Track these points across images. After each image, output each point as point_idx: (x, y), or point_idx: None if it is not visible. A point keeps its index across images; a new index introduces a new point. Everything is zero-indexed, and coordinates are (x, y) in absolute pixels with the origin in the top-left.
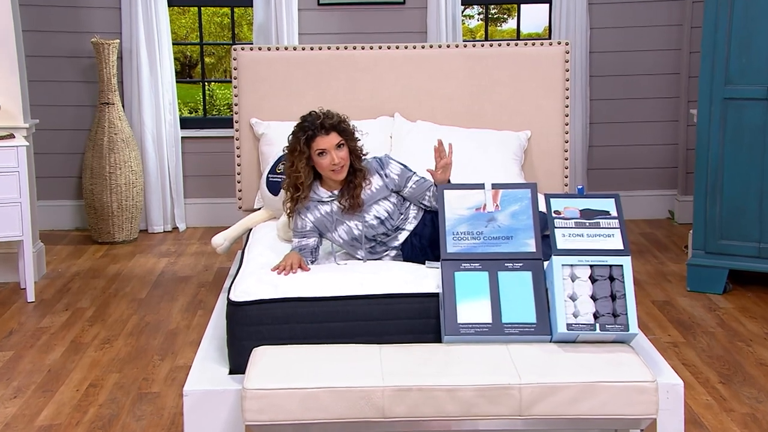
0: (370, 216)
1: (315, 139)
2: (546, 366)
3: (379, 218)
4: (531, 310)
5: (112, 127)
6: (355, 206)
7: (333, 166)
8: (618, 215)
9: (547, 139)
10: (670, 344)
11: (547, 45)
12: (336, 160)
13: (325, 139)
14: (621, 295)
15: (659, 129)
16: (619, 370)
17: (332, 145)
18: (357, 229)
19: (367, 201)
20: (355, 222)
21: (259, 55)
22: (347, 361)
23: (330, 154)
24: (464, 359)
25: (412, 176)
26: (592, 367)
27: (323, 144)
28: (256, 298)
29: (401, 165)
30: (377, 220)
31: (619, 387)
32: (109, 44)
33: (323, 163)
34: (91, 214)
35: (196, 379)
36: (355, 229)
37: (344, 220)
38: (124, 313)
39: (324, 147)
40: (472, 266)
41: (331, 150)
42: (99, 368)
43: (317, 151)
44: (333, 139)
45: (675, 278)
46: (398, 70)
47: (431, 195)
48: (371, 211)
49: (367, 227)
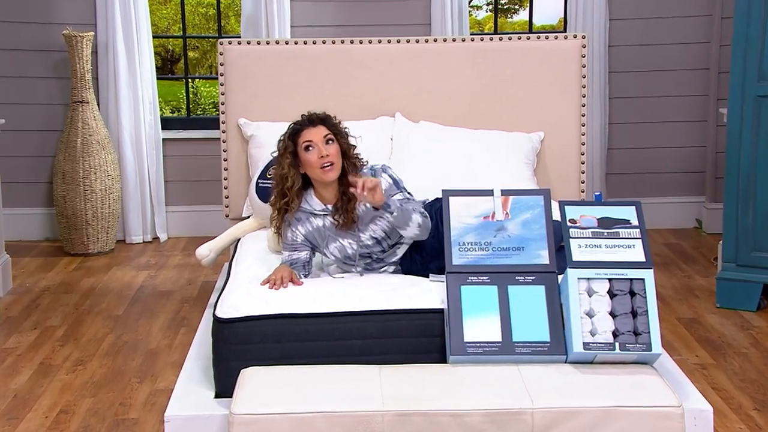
0: (365, 236)
1: (301, 133)
2: (561, 389)
3: (375, 238)
4: (544, 328)
5: (86, 127)
6: (349, 222)
7: (321, 161)
8: (639, 224)
9: (561, 142)
10: (698, 366)
11: (562, 38)
12: (324, 153)
13: (311, 131)
14: (643, 312)
15: (685, 130)
16: (641, 394)
17: (320, 137)
18: (351, 248)
19: (362, 218)
20: (349, 240)
21: (247, 49)
22: (344, 383)
23: (318, 147)
24: (471, 381)
25: (404, 192)
26: (612, 391)
27: (310, 135)
28: (244, 314)
29: (395, 178)
30: (373, 240)
31: (641, 412)
32: (82, 37)
33: (311, 159)
34: (62, 223)
35: (179, 403)
36: (349, 248)
37: (337, 238)
38: (98, 332)
39: (310, 138)
40: (480, 280)
41: (319, 143)
42: (71, 393)
43: (304, 145)
44: (321, 131)
45: (703, 293)
46: (399, 66)
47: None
48: (367, 230)
49: (362, 246)
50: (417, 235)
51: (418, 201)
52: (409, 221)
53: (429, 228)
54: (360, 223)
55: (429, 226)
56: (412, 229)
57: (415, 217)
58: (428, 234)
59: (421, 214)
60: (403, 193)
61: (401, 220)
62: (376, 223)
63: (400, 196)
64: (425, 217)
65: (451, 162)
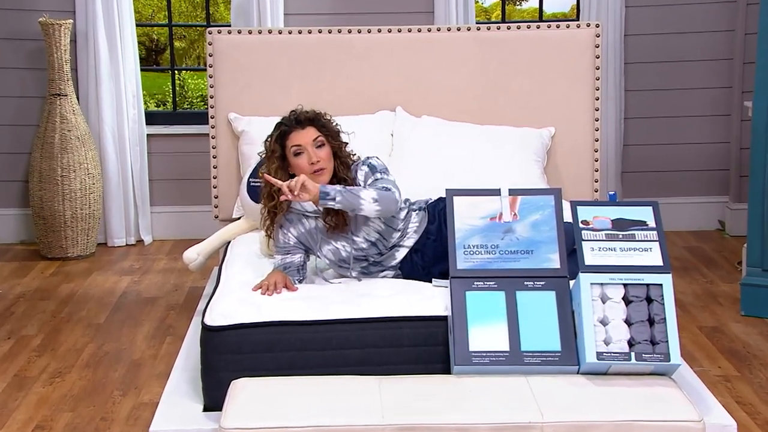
0: (359, 238)
1: (289, 135)
2: (572, 402)
3: (370, 240)
4: (555, 337)
5: (65, 122)
6: (341, 225)
7: (312, 166)
8: (657, 226)
9: (574, 138)
10: (721, 378)
11: (575, 27)
12: (314, 158)
13: (300, 133)
14: (660, 320)
15: (707, 124)
16: (659, 408)
17: (309, 140)
18: (344, 251)
19: (355, 220)
20: (343, 243)
21: (238, 39)
22: (341, 395)
23: (307, 151)
24: (477, 393)
25: (380, 175)
26: (627, 404)
27: (298, 139)
28: (235, 322)
29: (373, 164)
30: (367, 242)
31: (658, 427)
32: (60, 25)
33: (301, 164)
34: (39, 224)
35: (164, 417)
36: (343, 251)
37: (330, 240)
38: (78, 342)
39: (300, 142)
40: (486, 285)
41: (308, 146)
42: (48, 407)
43: (293, 149)
44: (310, 133)
45: (726, 300)
46: (400, 57)
47: None
48: (360, 232)
49: (356, 249)
50: (381, 211)
51: (391, 182)
52: (360, 200)
53: (394, 200)
54: (353, 225)
55: (393, 197)
56: (368, 207)
57: (364, 193)
58: (397, 207)
59: (377, 191)
60: (379, 174)
61: (348, 202)
62: (369, 224)
63: (370, 181)
64: (383, 190)
65: (455, 159)
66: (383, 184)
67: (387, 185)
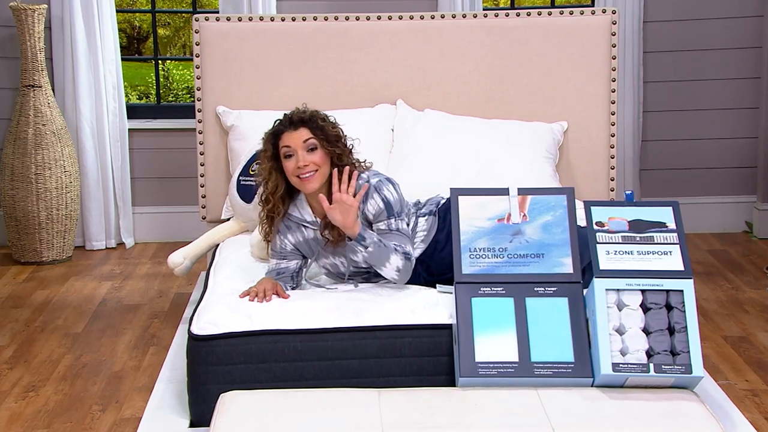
0: (358, 257)
1: (281, 136)
2: (586, 416)
3: None
4: (567, 347)
5: (39, 115)
6: (341, 240)
7: (298, 170)
8: (677, 228)
9: (588, 133)
10: (748, 392)
11: (589, 14)
12: (301, 162)
13: (291, 135)
14: (681, 328)
15: (733, 118)
16: (680, 423)
17: (299, 142)
18: (342, 266)
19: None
20: (341, 260)
21: (227, 26)
22: (338, 409)
23: (297, 154)
24: (484, 407)
25: (394, 220)
26: (645, 419)
27: (288, 140)
28: (224, 330)
29: (389, 201)
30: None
31: None
32: (33, 10)
33: (288, 168)
34: (11, 226)
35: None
36: (341, 266)
37: (327, 254)
38: (54, 353)
39: (289, 144)
40: (494, 291)
41: (298, 149)
42: (21, 423)
43: (283, 150)
44: (301, 135)
45: (754, 308)
46: (402, 47)
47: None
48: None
49: (355, 267)
50: (396, 281)
51: (405, 235)
52: (386, 262)
53: (410, 272)
54: None
55: (410, 270)
56: (388, 272)
57: (394, 258)
58: (407, 278)
59: (404, 256)
60: (393, 219)
61: (377, 258)
62: None
63: (383, 225)
64: (407, 260)
65: (460, 156)
66: (398, 239)
67: (402, 241)
